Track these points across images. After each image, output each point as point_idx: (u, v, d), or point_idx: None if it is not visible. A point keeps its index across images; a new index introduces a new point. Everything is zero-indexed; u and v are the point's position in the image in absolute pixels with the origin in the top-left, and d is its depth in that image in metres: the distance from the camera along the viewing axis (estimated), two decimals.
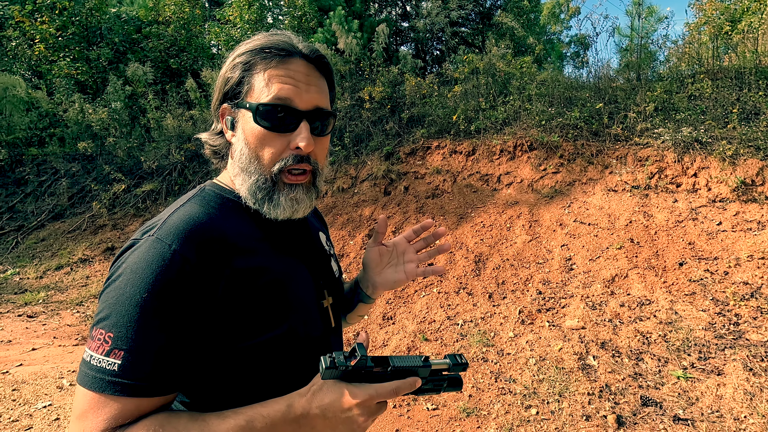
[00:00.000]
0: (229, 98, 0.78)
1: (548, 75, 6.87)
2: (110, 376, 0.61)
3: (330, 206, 6.28)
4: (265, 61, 0.75)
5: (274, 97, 0.73)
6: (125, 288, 0.64)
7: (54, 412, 2.99)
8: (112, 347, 0.62)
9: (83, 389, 0.62)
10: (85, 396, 0.62)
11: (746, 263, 3.82)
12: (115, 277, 0.66)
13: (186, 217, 0.71)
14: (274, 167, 0.75)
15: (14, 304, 5.49)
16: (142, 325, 0.62)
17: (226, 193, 0.80)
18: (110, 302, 0.64)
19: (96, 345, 0.63)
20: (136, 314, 0.62)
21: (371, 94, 7.17)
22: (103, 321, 0.64)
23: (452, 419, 2.78)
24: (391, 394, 0.64)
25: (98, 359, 0.62)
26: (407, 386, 0.65)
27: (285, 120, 0.74)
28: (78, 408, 0.62)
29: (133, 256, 0.66)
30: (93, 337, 0.64)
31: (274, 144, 0.75)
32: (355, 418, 0.63)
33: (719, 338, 3.16)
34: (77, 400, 0.63)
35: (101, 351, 0.62)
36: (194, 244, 0.67)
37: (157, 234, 0.67)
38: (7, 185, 8.66)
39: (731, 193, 4.51)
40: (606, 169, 5.36)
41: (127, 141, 8.38)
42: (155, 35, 10.05)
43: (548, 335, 3.44)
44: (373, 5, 10.32)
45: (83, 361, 0.64)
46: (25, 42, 9.52)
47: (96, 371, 0.62)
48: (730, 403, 2.56)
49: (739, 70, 5.71)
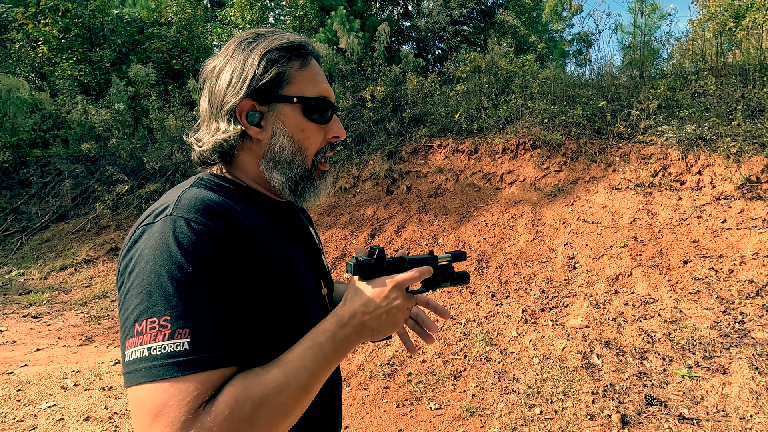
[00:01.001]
0: (255, 93, 0.76)
1: (550, 73, 6.85)
2: (184, 356, 0.58)
3: (332, 206, 6.28)
4: (300, 59, 0.79)
5: (319, 92, 0.79)
6: (158, 269, 0.60)
7: (58, 413, 3.00)
8: (173, 329, 0.58)
9: (151, 385, 0.57)
10: (157, 390, 0.56)
11: (751, 261, 3.79)
12: (139, 263, 0.62)
13: (200, 196, 0.69)
14: (317, 157, 0.82)
15: (19, 304, 5.52)
16: (196, 298, 0.60)
17: (226, 182, 0.80)
18: (147, 289, 0.60)
19: (151, 335, 0.58)
20: (185, 290, 0.60)
21: (373, 93, 7.17)
22: (149, 310, 0.59)
23: (455, 419, 2.77)
24: (414, 278, 0.76)
25: (161, 346, 0.58)
26: (425, 272, 0.78)
27: (326, 113, 0.81)
28: (150, 407, 0.56)
29: (155, 238, 0.63)
30: (140, 331, 0.59)
31: (318, 135, 0.81)
32: (392, 304, 0.73)
33: (724, 337, 3.13)
34: (145, 402, 0.57)
35: (161, 337, 0.58)
36: (219, 220, 0.67)
37: (176, 212, 0.65)
38: (11, 186, 8.71)
39: (736, 191, 4.47)
40: (609, 167, 5.34)
41: (130, 142, 8.41)
42: (157, 36, 10.08)
43: (552, 334, 3.42)
44: (375, 4, 10.31)
45: (136, 359, 0.58)
46: (28, 44, 9.57)
47: (163, 358, 0.57)
48: (735, 402, 2.54)
49: (744, 66, 5.67)
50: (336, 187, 6.54)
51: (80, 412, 3.00)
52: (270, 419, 0.60)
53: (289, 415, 0.63)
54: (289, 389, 0.63)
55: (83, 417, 2.94)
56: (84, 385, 3.40)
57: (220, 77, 0.77)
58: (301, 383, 0.64)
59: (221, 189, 0.77)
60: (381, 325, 0.73)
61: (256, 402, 0.60)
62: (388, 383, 3.20)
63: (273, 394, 0.61)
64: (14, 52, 9.80)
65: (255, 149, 0.80)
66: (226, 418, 0.57)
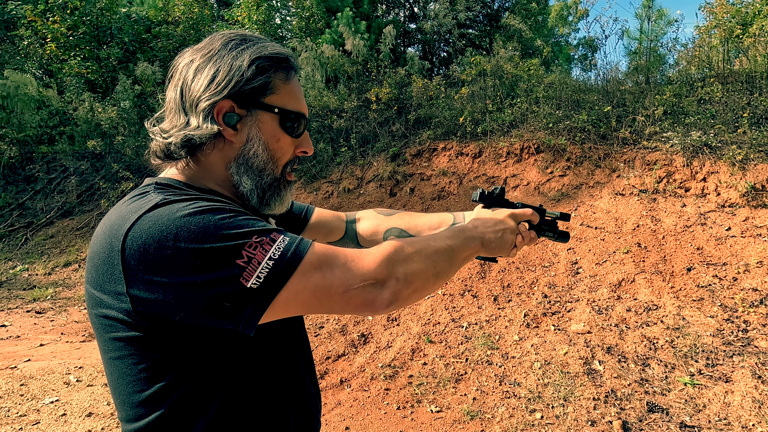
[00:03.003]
0: (237, 95, 0.74)
1: (556, 77, 6.84)
2: (297, 240, 0.67)
3: (335, 207, 6.29)
4: (285, 71, 0.80)
5: (299, 107, 0.82)
6: (200, 229, 0.62)
7: (61, 408, 3.02)
8: (269, 237, 0.65)
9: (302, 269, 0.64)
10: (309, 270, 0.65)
11: (755, 269, 3.78)
12: (174, 242, 0.61)
13: (167, 210, 0.65)
14: (286, 168, 0.84)
15: (23, 300, 5.56)
16: (250, 218, 0.67)
17: (191, 187, 0.76)
18: (207, 247, 0.60)
19: (260, 251, 0.62)
20: (236, 219, 0.65)
21: (378, 95, 7.18)
22: (232, 246, 0.61)
23: (456, 422, 2.77)
24: (525, 214, 1.00)
25: (276, 248, 0.64)
26: (535, 216, 1.03)
27: (302, 129, 0.83)
28: (326, 281, 0.65)
29: (161, 221, 0.63)
30: (248, 259, 0.61)
31: (290, 148, 0.83)
32: (507, 226, 0.95)
33: (727, 345, 3.12)
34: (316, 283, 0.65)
35: (269, 246, 0.63)
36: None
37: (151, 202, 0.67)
38: (17, 182, 8.76)
39: (741, 199, 4.46)
40: (614, 173, 5.33)
41: (135, 140, 8.45)
42: (164, 35, 10.13)
43: (554, 339, 3.42)
44: (381, 6, 10.33)
45: (271, 269, 0.62)
46: (36, 41, 9.64)
47: (287, 249, 0.65)
48: (738, 411, 2.53)
49: (750, 74, 5.65)
50: (339, 188, 6.56)
51: (82, 408, 3.02)
52: (430, 258, 0.75)
53: (438, 263, 0.76)
54: (436, 243, 0.79)
55: (85, 413, 2.96)
56: (86, 381, 3.42)
57: (201, 72, 0.74)
58: (445, 246, 0.79)
59: (188, 193, 0.74)
60: (496, 241, 0.92)
61: (415, 244, 0.76)
62: (389, 385, 3.21)
63: (425, 243, 0.77)
64: (23, 48, 9.88)
65: (225, 151, 0.77)
66: (393, 246, 0.72)
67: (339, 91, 7.79)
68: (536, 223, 1.05)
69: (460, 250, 0.83)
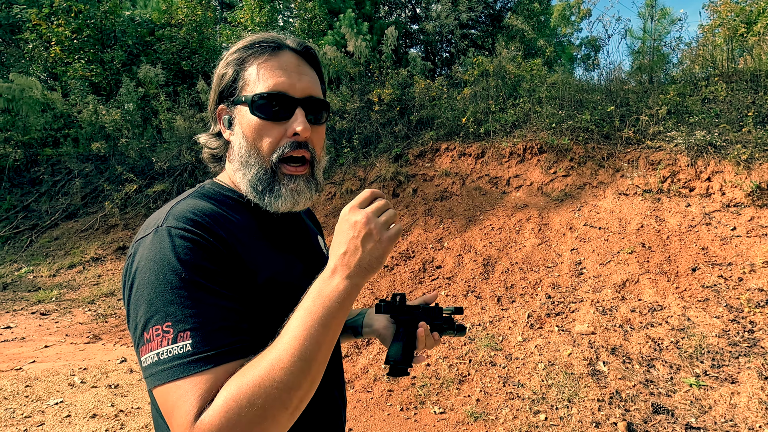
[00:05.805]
0: (225, 97, 0.80)
1: (558, 77, 6.83)
2: (188, 357, 0.59)
3: (338, 208, 6.30)
4: (256, 55, 0.78)
5: (268, 87, 0.75)
6: (156, 279, 0.63)
7: (65, 409, 3.03)
8: (175, 333, 0.61)
9: (164, 386, 0.59)
10: (168, 391, 0.59)
11: (761, 269, 3.75)
12: (137, 276, 0.65)
13: (190, 207, 0.72)
14: (273, 156, 0.77)
15: (28, 301, 5.59)
16: (193, 301, 0.62)
17: (225, 191, 0.81)
18: (147, 299, 0.63)
19: (157, 342, 0.61)
20: (181, 295, 0.62)
21: (380, 96, 7.19)
22: (152, 318, 0.62)
23: (459, 423, 2.76)
24: (365, 198, 0.71)
25: (167, 350, 0.60)
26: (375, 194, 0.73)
27: (281, 109, 0.76)
28: (166, 408, 0.59)
29: (149, 250, 0.66)
30: (148, 339, 0.62)
31: (271, 133, 0.77)
32: (360, 227, 0.67)
33: (733, 346, 3.10)
34: (162, 404, 0.60)
35: (166, 342, 0.61)
36: (203, 229, 0.69)
37: (166, 223, 0.68)
38: (22, 185, 8.82)
39: (746, 198, 4.43)
40: (617, 173, 5.30)
41: (139, 142, 8.49)
42: (168, 38, 10.18)
43: (557, 340, 3.40)
44: (383, 8, 10.35)
45: (149, 365, 0.61)
46: (41, 44, 9.71)
47: (170, 361, 0.60)
48: (744, 412, 2.51)
49: (755, 72, 5.62)
50: (342, 189, 6.56)
51: (87, 410, 3.03)
52: (271, 399, 0.58)
53: (293, 388, 0.60)
54: (282, 363, 0.60)
55: (90, 414, 2.97)
56: (91, 383, 3.43)
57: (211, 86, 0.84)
58: (295, 354, 0.60)
59: (221, 198, 0.79)
60: (364, 256, 0.67)
61: (252, 386, 0.58)
62: (392, 386, 3.20)
63: (266, 373, 0.59)
64: (27, 52, 9.95)
65: (230, 151, 0.83)
66: (223, 409, 0.57)
67: (341, 93, 7.80)
68: (435, 323, 1.00)
69: (321, 325, 0.63)
